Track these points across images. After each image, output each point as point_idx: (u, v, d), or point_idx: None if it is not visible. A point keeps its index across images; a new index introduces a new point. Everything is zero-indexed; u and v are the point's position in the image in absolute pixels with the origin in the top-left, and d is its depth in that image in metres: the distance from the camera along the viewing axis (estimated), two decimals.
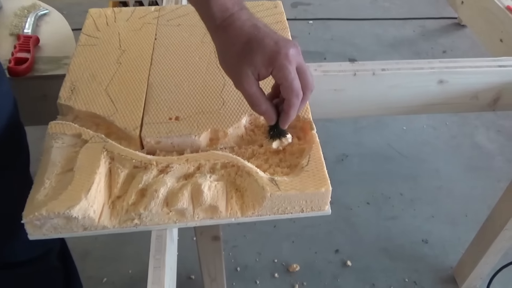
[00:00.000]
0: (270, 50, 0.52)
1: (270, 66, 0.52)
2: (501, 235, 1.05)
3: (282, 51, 0.52)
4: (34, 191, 0.53)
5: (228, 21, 0.54)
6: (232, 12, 0.54)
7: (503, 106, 0.86)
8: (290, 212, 0.56)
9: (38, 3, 0.96)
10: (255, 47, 0.52)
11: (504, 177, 1.54)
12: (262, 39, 0.52)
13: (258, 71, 0.53)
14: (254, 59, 0.52)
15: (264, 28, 0.54)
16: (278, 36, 0.54)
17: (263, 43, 0.52)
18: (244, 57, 0.53)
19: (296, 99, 0.53)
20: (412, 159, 1.62)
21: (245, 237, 1.37)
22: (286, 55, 0.52)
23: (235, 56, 0.54)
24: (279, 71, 0.52)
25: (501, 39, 1.03)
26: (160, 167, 0.57)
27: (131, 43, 0.76)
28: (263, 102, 0.55)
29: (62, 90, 0.67)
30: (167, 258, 0.55)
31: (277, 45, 0.52)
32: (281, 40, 0.53)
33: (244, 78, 0.53)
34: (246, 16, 0.54)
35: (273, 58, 0.52)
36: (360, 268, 1.30)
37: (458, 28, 2.23)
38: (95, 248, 1.31)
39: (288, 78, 0.52)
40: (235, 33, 0.53)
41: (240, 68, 0.53)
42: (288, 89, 0.53)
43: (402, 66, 0.80)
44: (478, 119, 1.77)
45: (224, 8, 0.54)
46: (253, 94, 0.54)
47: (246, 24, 0.54)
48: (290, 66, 0.52)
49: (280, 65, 0.52)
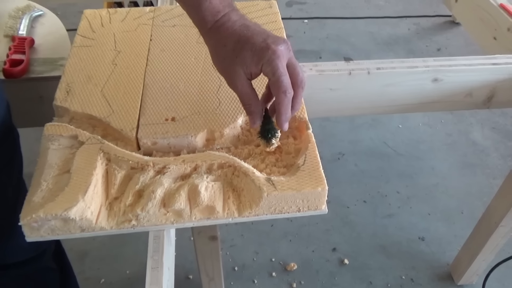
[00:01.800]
0: (259, 47, 0.52)
1: (260, 62, 0.53)
2: (496, 232, 1.06)
3: (271, 47, 0.52)
4: (31, 193, 0.53)
5: (219, 22, 0.55)
6: (223, 13, 0.55)
7: (497, 103, 0.87)
8: (287, 211, 0.56)
9: (33, 4, 0.96)
10: (245, 45, 0.53)
11: (499, 174, 1.56)
12: (251, 37, 0.53)
13: (249, 69, 0.54)
14: (244, 57, 0.53)
15: (254, 26, 0.55)
16: (267, 33, 0.54)
17: (252, 41, 0.53)
18: (236, 56, 0.54)
19: (284, 95, 0.52)
20: (408, 157, 1.62)
21: (243, 236, 1.37)
22: (274, 50, 0.52)
23: (227, 56, 0.54)
24: (267, 66, 0.52)
25: (495, 37, 1.03)
26: (157, 168, 0.57)
27: (126, 44, 0.76)
28: (254, 103, 0.56)
29: (58, 92, 0.66)
30: (164, 258, 0.55)
31: (266, 41, 0.53)
32: (271, 37, 0.54)
33: (236, 77, 0.54)
34: (236, 17, 0.55)
35: (262, 54, 0.52)
36: (357, 266, 1.31)
37: (453, 26, 2.24)
38: (93, 248, 1.31)
39: (276, 73, 0.52)
40: (226, 33, 0.54)
41: (232, 68, 0.54)
42: (276, 84, 0.52)
43: (397, 65, 0.80)
44: (473, 117, 1.78)
45: (215, 11, 0.55)
46: (245, 93, 0.55)
47: (236, 24, 0.55)
48: (278, 61, 0.52)
49: (268, 60, 0.52)
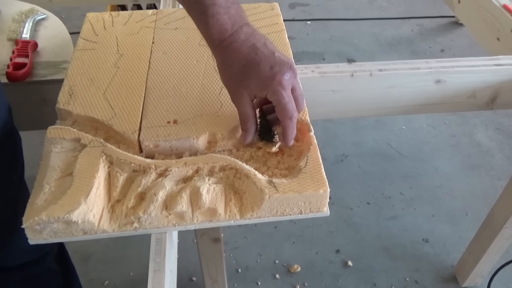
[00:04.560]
0: (265, 76, 0.54)
1: (265, 90, 0.55)
2: (501, 233, 1.06)
3: (276, 77, 0.54)
4: (33, 196, 0.53)
5: (226, 42, 0.55)
6: (231, 33, 0.55)
7: (500, 104, 0.86)
8: (289, 213, 0.56)
9: (36, 8, 0.97)
10: (251, 71, 0.55)
11: (504, 175, 1.55)
12: (258, 64, 0.54)
13: (254, 93, 0.56)
14: (250, 83, 0.55)
15: (263, 48, 0.55)
16: (275, 58, 0.55)
17: (258, 69, 0.54)
18: (242, 80, 0.55)
19: (290, 121, 0.55)
20: (411, 159, 1.62)
21: (246, 238, 1.37)
22: (280, 81, 0.54)
23: (233, 78, 0.56)
24: (273, 95, 0.55)
25: (498, 38, 1.03)
26: (159, 170, 0.57)
27: (129, 47, 0.77)
28: (251, 123, 0.58)
29: (61, 95, 0.67)
30: (167, 261, 0.55)
31: (272, 70, 0.54)
32: (277, 64, 0.54)
33: (240, 98, 0.57)
34: (244, 36, 0.55)
35: (268, 84, 0.54)
36: (361, 268, 1.30)
37: (456, 27, 2.23)
38: (97, 251, 1.32)
39: (281, 102, 0.54)
40: (233, 55, 0.55)
41: (237, 89, 0.56)
42: (282, 112, 0.55)
43: (399, 67, 0.80)
44: (477, 118, 1.77)
45: (223, 29, 0.54)
46: (245, 113, 0.57)
47: (244, 45, 0.55)
48: (283, 91, 0.54)
49: (273, 90, 0.54)
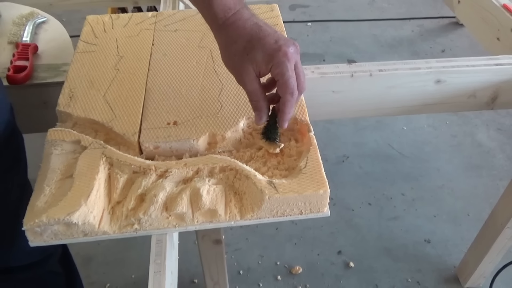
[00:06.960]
0: (271, 48, 0.54)
1: (270, 62, 0.54)
2: (503, 234, 1.05)
3: (282, 48, 0.54)
4: (34, 198, 0.54)
5: (231, 20, 0.56)
6: (235, 11, 0.56)
7: (501, 104, 0.86)
8: (289, 214, 0.56)
9: (36, 11, 0.97)
10: (257, 45, 0.54)
11: (506, 175, 1.54)
12: (263, 37, 0.55)
13: (259, 68, 0.55)
14: (255, 56, 0.54)
15: (265, 26, 0.56)
16: (278, 35, 0.56)
17: (264, 41, 0.54)
18: (246, 54, 0.55)
19: (291, 96, 0.55)
20: (413, 159, 1.62)
21: (247, 240, 1.37)
22: (285, 52, 0.54)
23: (238, 54, 0.56)
24: (277, 67, 0.54)
25: (498, 38, 1.03)
26: (159, 172, 0.57)
27: (128, 49, 0.77)
28: (262, 99, 0.57)
29: (61, 97, 0.67)
30: (167, 262, 0.55)
31: (277, 43, 0.54)
32: (281, 39, 0.55)
33: (246, 74, 0.56)
34: (247, 15, 0.56)
35: (273, 56, 0.54)
36: (363, 269, 1.30)
37: (457, 27, 2.23)
38: (98, 253, 1.32)
39: (285, 75, 0.54)
40: (237, 31, 0.56)
41: (242, 65, 0.56)
42: (284, 86, 0.54)
43: (399, 67, 0.80)
44: (478, 118, 1.77)
45: (227, 8, 0.55)
46: (254, 90, 0.57)
47: (248, 23, 0.56)
48: (288, 64, 0.54)
49: (278, 62, 0.54)
